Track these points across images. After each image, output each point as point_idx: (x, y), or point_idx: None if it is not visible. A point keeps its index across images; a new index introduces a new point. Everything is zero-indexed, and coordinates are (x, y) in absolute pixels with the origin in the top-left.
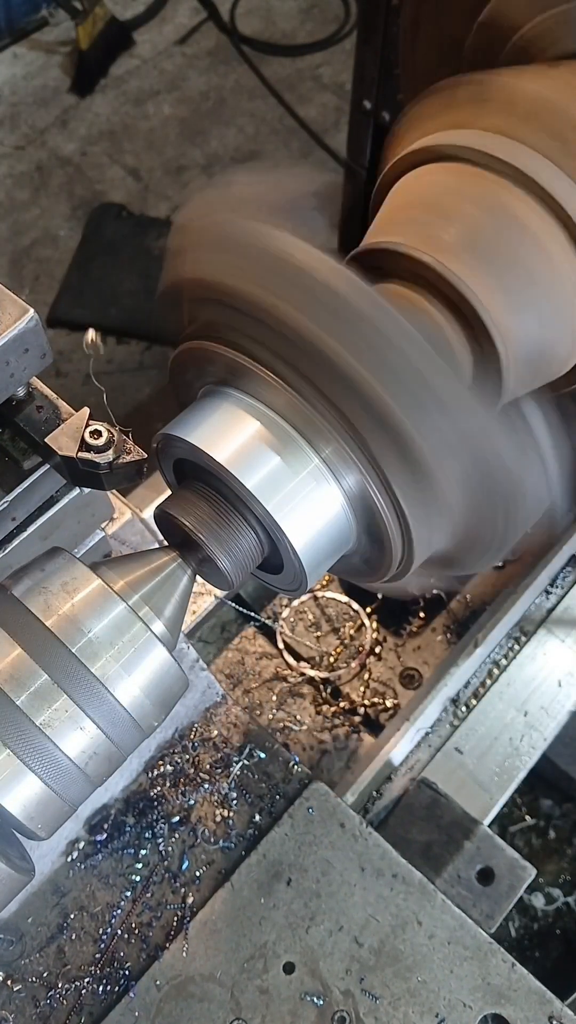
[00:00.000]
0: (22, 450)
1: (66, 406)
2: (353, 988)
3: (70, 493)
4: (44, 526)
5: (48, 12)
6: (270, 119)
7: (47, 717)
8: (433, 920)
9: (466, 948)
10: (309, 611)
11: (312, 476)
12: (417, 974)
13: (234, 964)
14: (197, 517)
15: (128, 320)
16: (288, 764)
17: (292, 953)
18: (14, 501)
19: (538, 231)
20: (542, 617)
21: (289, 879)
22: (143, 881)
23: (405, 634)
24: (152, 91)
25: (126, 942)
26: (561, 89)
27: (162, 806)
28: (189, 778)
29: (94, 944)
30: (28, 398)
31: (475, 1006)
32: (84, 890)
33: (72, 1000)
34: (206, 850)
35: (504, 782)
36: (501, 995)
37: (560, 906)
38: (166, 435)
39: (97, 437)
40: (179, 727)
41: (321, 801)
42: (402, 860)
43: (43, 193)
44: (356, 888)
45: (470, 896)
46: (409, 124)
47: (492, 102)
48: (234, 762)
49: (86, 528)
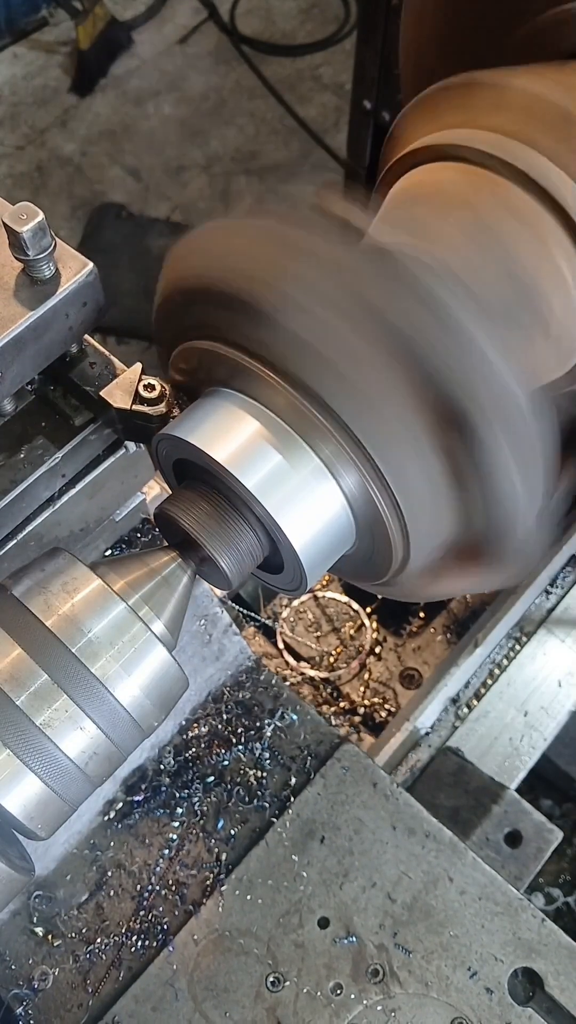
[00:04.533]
0: (74, 407)
1: (119, 362)
2: (387, 942)
3: (117, 453)
4: (91, 484)
5: (48, 12)
6: (270, 119)
7: (47, 717)
8: (464, 877)
9: (497, 904)
10: (309, 611)
11: (312, 476)
12: (449, 929)
13: (270, 919)
14: (197, 517)
15: (128, 320)
16: (319, 727)
17: (326, 908)
18: (65, 457)
19: (540, 232)
20: (542, 617)
21: (322, 837)
22: (179, 839)
23: (405, 634)
24: (152, 91)
25: (163, 898)
26: (563, 88)
27: (197, 767)
28: (223, 739)
29: (132, 901)
30: (81, 354)
31: (506, 960)
32: (122, 848)
33: (111, 955)
34: (240, 809)
35: (504, 782)
36: (532, 949)
37: (560, 906)
38: (166, 435)
39: (151, 391)
40: (212, 690)
41: (353, 761)
42: (433, 819)
43: (43, 193)
44: (388, 846)
45: (498, 858)
46: (409, 123)
47: (494, 101)
48: (266, 724)
49: (129, 489)
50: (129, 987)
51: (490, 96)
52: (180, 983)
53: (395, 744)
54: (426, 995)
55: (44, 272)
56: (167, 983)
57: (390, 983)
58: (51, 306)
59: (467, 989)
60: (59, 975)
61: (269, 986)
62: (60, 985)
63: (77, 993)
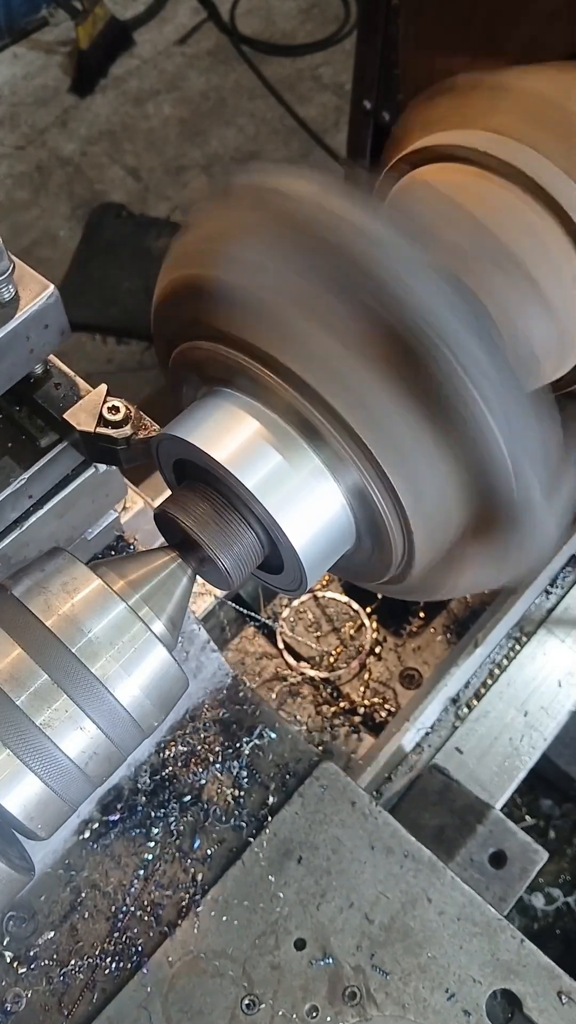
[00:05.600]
0: (39, 427)
1: (83, 383)
2: (364, 964)
3: (86, 472)
4: (60, 504)
5: (48, 12)
6: (270, 119)
7: (47, 717)
8: (443, 897)
9: (475, 924)
10: (309, 611)
11: (312, 476)
12: (427, 950)
13: (246, 940)
14: (197, 517)
15: (128, 320)
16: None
17: (303, 929)
18: (31, 478)
19: (539, 231)
20: (542, 617)
21: (300, 857)
22: (155, 860)
23: (405, 634)
24: (152, 91)
25: (138, 919)
26: (563, 88)
27: (174, 786)
28: (200, 758)
29: (107, 922)
30: (46, 375)
31: (485, 981)
32: (97, 869)
33: (85, 977)
34: (217, 829)
35: (504, 782)
36: (511, 970)
37: (560, 906)
38: (166, 435)
39: (115, 413)
40: (190, 708)
41: (331, 780)
42: (411, 838)
43: (43, 193)
44: (366, 866)
45: (483, 879)
46: (410, 124)
47: (495, 102)
48: (244, 742)
49: (100, 508)
50: (103, 1010)
51: (490, 96)
52: (154, 1006)
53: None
54: (403, 1017)
55: (3, 295)
56: (141, 1005)
57: (367, 1005)
58: (10, 329)
59: (445, 1011)
60: (33, 997)
61: (244, 1009)
62: (34, 1007)
63: (51, 1016)
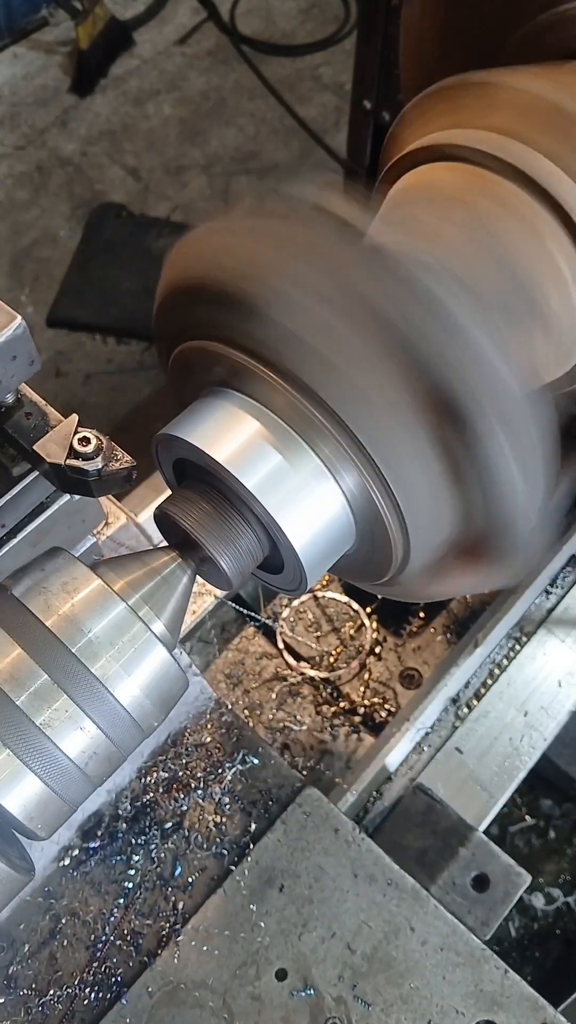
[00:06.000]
0: (11, 456)
1: (55, 413)
2: (345, 994)
3: (60, 500)
4: (34, 533)
5: (48, 12)
6: (270, 119)
7: (47, 717)
8: (426, 926)
9: (459, 954)
10: (309, 611)
11: (312, 476)
12: (410, 980)
13: (226, 970)
14: (197, 517)
15: (128, 320)
16: (281, 770)
17: (284, 959)
18: (3, 507)
19: (538, 230)
20: (542, 617)
21: (282, 885)
22: (135, 888)
23: (405, 634)
24: (152, 91)
25: (118, 948)
26: (562, 88)
27: (155, 812)
28: (182, 784)
29: (86, 951)
30: (17, 404)
31: (468, 1013)
32: (77, 896)
33: (64, 1007)
34: (198, 856)
35: (504, 782)
36: (494, 1001)
37: (560, 906)
38: (166, 435)
39: (86, 444)
40: (172, 732)
41: (314, 806)
42: (395, 866)
43: (43, 193)
44: (349, 894)
45: (465, 903)
46: (409, 123)
47: (494, 101)
48: (227, 768)
49: (77, 534)
50: None
51: (490, 96)
52: None
53: (395, 744)
54: None
55: None
56: None
57: None
58: None
59: None
60: None
61: None
62: None
63: None
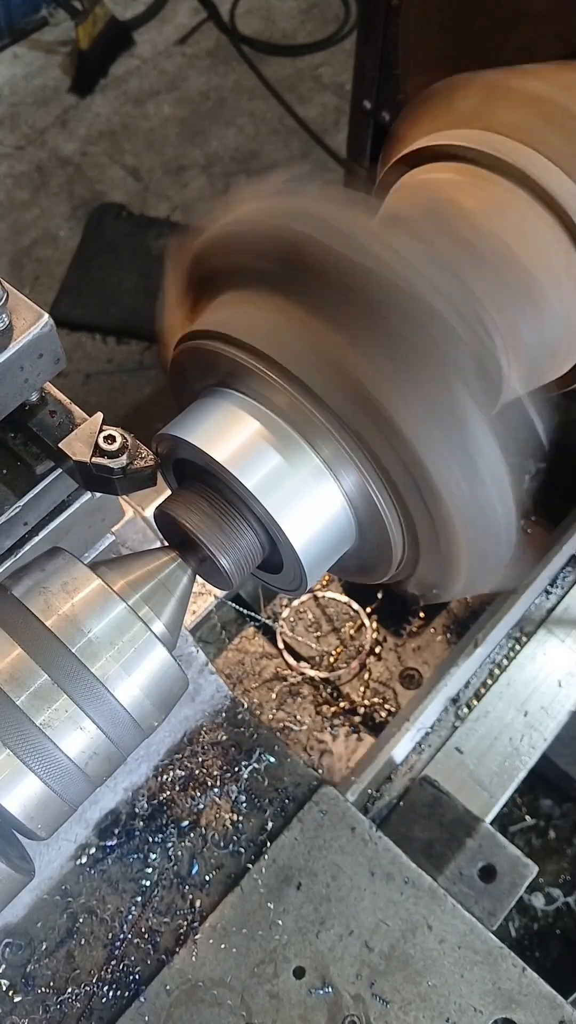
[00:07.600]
0: (34, 455)
1: (79, 411)
2: (363, 992)
3: (81, 498)
4: (55, 531)
5: (48, 12)
6: (270, 119)
7: (47, 717)
8: (443, 925)
9: (476, 953)
10: (309, 611)
11: (312, 476)
12: (427, 979)
13: (244, 969)
14: (197, 517)
15: (128, 320)
16: (297, 768)
17: (302, 958)
18: (26, 506)
19: (538, 230)
20: (542, 617)
21: (299, 883)
22: (152, 886)
23: (405, 634)
24: (152, 91)
25: (136, 947)
26: (563, 88)
27: (171, 810)
28: (198, 782)
29: (104, 949)
30: (41, 403)
31: (485, 1011)
32: (94, 894)
33: (82, 1005)
34: (215, 854)
35: (504, 782)
36: (512, 1000)
37: (560, 906)
38: (166, 435)
39: (111, 442)
40: (188, 731)
41: (331, 805)
42: (412, 864)
43: (43, 193)
44: (366, 892)
45: (472, 894)
46: (410, 123)
47: (493, 101)
48: (243, 766)
49: (96, 533)
50: None
51: (490, 96)
52: None
53: (395, 744)
54: None
55: None
56: None
57: None
58: (4, 359)
59: None
60: None
61: None
62: None
63: None
